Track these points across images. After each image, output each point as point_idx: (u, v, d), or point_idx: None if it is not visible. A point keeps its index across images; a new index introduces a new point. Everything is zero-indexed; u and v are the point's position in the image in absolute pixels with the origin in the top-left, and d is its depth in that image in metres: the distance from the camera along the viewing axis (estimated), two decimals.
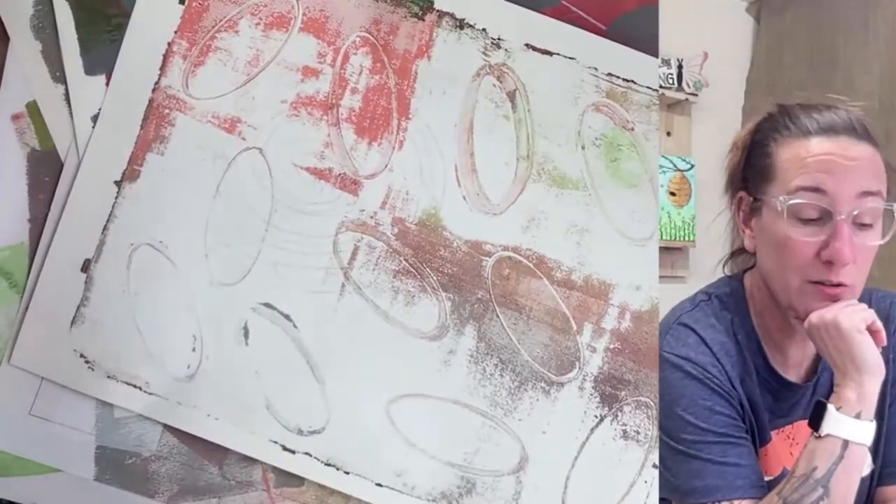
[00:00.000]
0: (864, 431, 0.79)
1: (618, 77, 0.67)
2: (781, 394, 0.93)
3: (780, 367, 0.93)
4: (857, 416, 0.79)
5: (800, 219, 0.83)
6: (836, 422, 0.79)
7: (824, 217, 0.82)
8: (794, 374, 0.94)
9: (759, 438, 0.91)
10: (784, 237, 0.83)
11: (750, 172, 0.91)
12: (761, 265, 0.91)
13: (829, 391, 0.95)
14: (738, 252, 1.01)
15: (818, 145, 0.84)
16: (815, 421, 0.80)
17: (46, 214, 0.60)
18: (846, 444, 0.78)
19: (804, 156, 0.84)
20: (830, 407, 0.79)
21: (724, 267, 1.03)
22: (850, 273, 0.83)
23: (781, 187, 0.85)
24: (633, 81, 0.67)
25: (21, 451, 0.59)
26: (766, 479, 0.90)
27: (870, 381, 0.80)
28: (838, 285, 0.83)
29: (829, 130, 0.85)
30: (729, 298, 0.95)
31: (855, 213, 0.81)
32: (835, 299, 0.84)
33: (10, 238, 0.60)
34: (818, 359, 0.95)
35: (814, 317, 0.83)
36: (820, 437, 0.79)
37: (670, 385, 0.86)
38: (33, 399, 0.59)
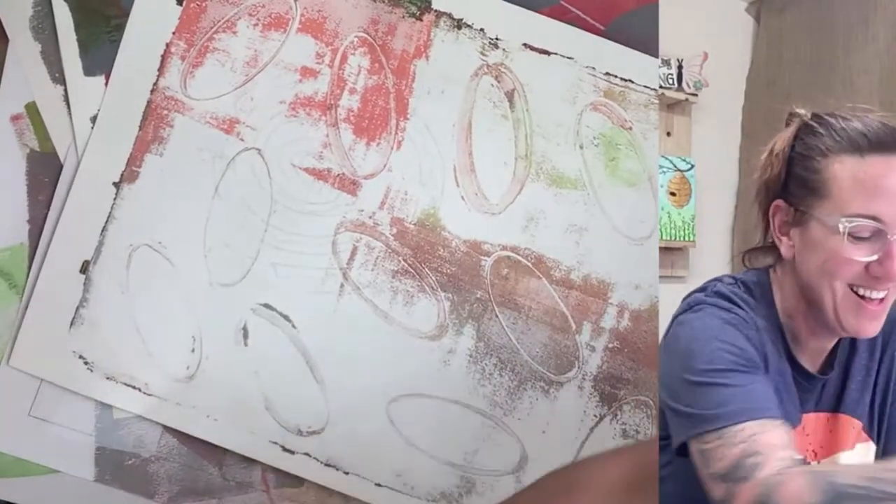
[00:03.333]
0: None
1: (616, 76, 0.67)
2: (798, 383, 0.94)
3: (799, 357, 0.94)
4: None
5: (855, 238, 0.84)
6: None
7: (875, 235, 0.84)
8: (809, 367, 0.96)
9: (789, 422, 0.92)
10: (837, 254, 0.85)
11: (793, 184, 0.92)
12: (802, 275, 0.92)
13: (843, 385, 0.96)
14: (753, 251, 1.02)
15: (874, 166, 0.84)
16: None
17: (46, 215, 0.60)
18: None
19: (861, 177, 0.84)
20: None
21: (744, 260, 1.04)
22: (892, 288, 0.85)
23: (836, 207, 0.85)
24: (630, 81, 0.67)
25: (21, 453, 0.59)
26: None
27: None
28: (880, 301, 0.85)
29: (881, 147, 0.85)
30: (755, 286, 0.96)
31: None
32: (875, 316, 0.86)
33: (9, 239, 0.60)
34: (833, 354, 0.97)
35: None
36: None
37: (708, 329, 0.86)
38: (33, 400, 0.60)
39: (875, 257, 0.83)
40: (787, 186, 0.92)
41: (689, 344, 0.86)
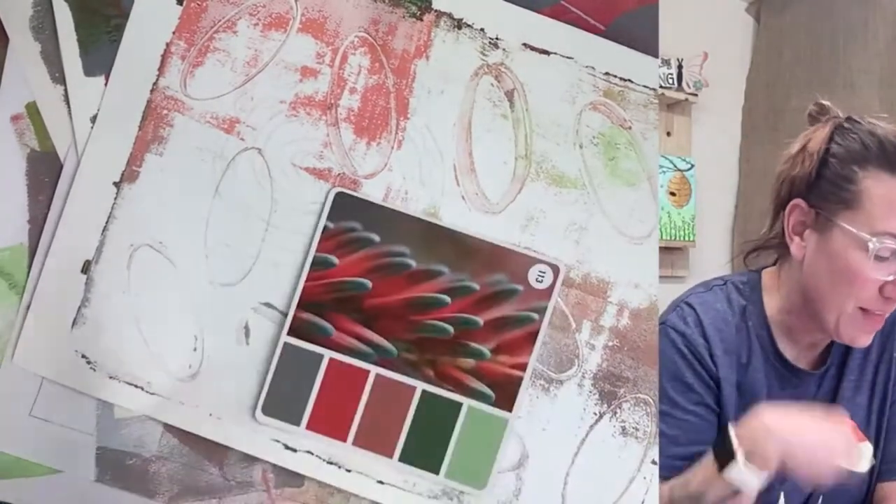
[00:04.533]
0: (757, 486, 0.79)
1: (615, 76, 0.67)
2: (788, 380, 0.95)
3: (790, 355, 0.95)
4: (759, 476, 0.78)
5: (877, 257, 0.85)
6: (740, 473, 0.78)
7: (894, 256, 0.84)
8: (802, 363, 0.96)
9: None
10: (857, 270, 0.86)
11: (822, 187, 0.91)
12: (810, 278, 0.92)
13: (837, 383, 0.96)
14: (758, 247, 1.03)
15: None
16: (723, 456, 0.79)
17: (46, 215, 0.61)
18: (738, 492, 0.78)
19: (894, 199, 0.86)
20: (741, 458, 0.78)
21: (745, 260, 1.04)
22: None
23: (866, 223, 0.86)
24: (630, 80, 0.67)
25: (22, 453, 0.59)
26: None
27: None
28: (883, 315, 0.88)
29: None
30: (744, 286, 0.98)
31: None
32: (875, 329, 0.90)
33: (9, 239, 0.60)
34: (827, 351, 0.97)
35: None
36: (720, 474, 0.78)
37: (663, 356, 0.89)
38: (34, 400, 0.60)
39: (891, 277, 0.84)
40: (814, 188, 0.92)
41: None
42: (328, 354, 0.58)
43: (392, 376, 0.59)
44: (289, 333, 0.59)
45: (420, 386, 0.59)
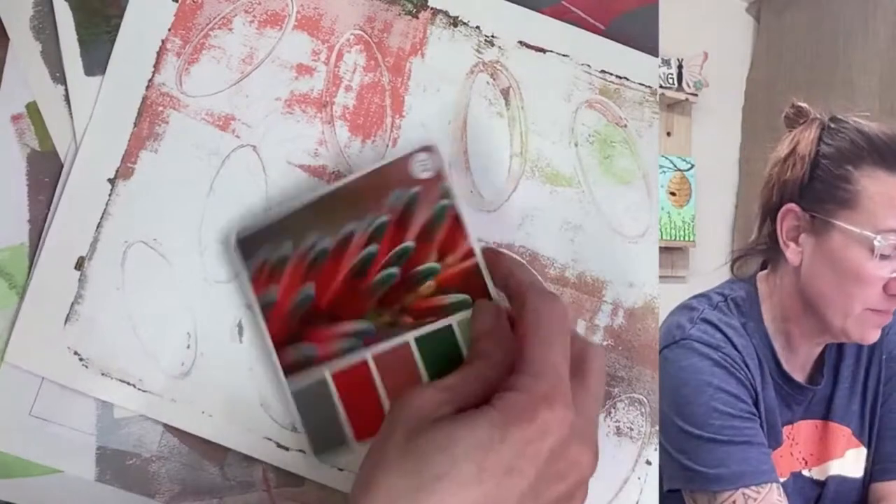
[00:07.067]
0: None
1: (611, 74, 0.67)
2: (791, 396, 0.94)
3: (790, 369, 0.94)
4: None
5: (881, 255, 0.85)
6: None
7: (894, 253, 0.84)
8: (800, 375, 0.96)
9: (773, 441, 0.92)
10: (860, 268, 0.86)
11: (816, 189, 0.91)
12: (809, 282, 0.92)
13: (831, 392, 0.96)
14: (746, 254, 1.02)
15: None
16: None
17: (46, 216, 0.61)
18: None
19: (894, 195, 0.86)
20: None
21: (732, 268, 1.04)
22: None
23: (868, 221, 0.86)
24: (626, 78, 0.67)
25: (21, 452, 0.59)
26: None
27: None
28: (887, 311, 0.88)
29: None
30: (744, 302, 0.96)
31: None
32: (882, 325, 0.90)
33: (9, 239, 0.60)
34: (820, 361, 0.97)
35: None
36: None
37: (698, 372, 0.88)
38: (34, 400, 0.60)
39: (892, 273, 0.84)
40: (808, 191, 0.92)
41: (679, 388, 0.87)
42: (327, 370, 0.58)
43: (384, 347, 0.58)
44: (286, 376, 0.58)
45: (409, 336, 0.58)
